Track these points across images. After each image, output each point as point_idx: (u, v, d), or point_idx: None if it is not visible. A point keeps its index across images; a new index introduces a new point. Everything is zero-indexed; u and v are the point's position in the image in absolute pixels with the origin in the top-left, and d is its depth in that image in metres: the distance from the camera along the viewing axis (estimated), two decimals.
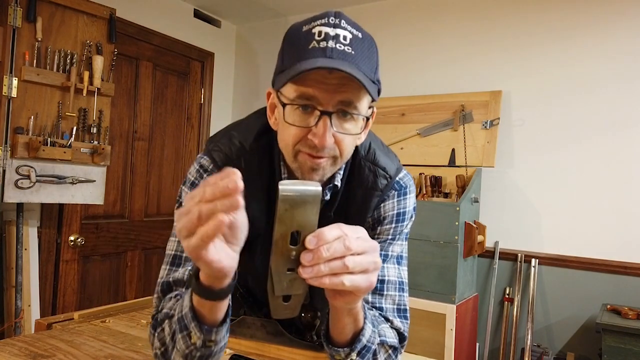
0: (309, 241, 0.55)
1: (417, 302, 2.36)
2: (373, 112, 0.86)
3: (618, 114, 2.46)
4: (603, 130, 2.49)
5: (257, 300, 1.04)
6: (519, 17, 2.73)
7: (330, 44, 0.72)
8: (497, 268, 2.68)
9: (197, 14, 3.42)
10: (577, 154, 2.55)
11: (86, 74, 2.36)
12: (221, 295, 0.67)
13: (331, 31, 0.73)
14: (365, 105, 0.78)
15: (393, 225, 0.92)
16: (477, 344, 2.69)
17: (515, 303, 2.62)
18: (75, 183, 2.36)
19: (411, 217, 0.95)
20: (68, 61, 2.32)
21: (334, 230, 0.57)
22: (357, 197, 0.89)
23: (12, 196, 2.15)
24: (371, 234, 0.92)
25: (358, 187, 0.89)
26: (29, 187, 2.19)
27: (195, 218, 0.53)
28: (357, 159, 0.90)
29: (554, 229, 2.59)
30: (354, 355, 0.75)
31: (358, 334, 0.75)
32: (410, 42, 3.07)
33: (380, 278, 0.89)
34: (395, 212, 0.92)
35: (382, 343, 0.82)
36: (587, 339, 2.46)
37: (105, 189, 2.51)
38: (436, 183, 2.66)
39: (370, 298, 0.89)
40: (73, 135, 2.34)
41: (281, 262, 0.56)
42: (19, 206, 2.31)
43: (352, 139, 0.79)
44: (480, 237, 2.49)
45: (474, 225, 2.42)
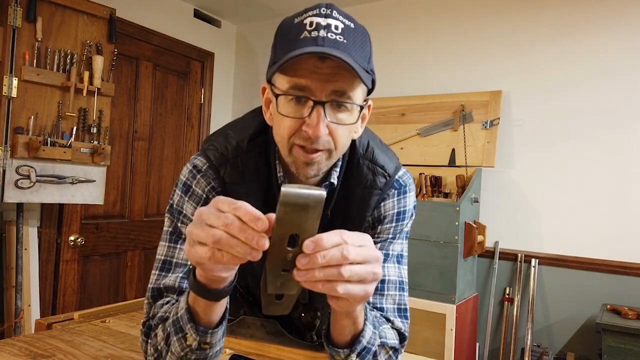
0: (307, 246, 0.54)
1: (417, 302, 2.36)
2: (369, 106, 0.85)
3: (618, 114, 2.46)
4: (603, 131, 2.49)
5: (257, 300, 1.04)
6: (519, 17, 2.73)
7: (322, 33, 0.71)
8: (497, 268, 2.68)
9: (197, 14, 3.42)
10: (577, 154, 2.55)
11: (86, 74, 2.36)
12: (217, 296, 0.66)
13: (322, 21, 0.72)
14: (360, 96, 0.77)
15: (393, 224, 0.92)
16: (477, 344, 2.69)
17: (515, 303, 2.62)
18: (75, 183, 2.36)
19: (411, 215, 0.95)
20: (68, 61, 2.32)
21: (333, 237, 0.56)
22: (356, 195, 0.89)
23: (12, 196, 2.15)
24: (371, 233, 0.92)
25: (357, 186, 0.89)
26: (29, 187, 2.19)
27: (212, 242, 0.54)
28: (356, 158, 0.89)
29: (554, 229, 2.59)
30: (353, 356, 0.75)
31: (358, 335, 0.74)
32: (410, 42, 3.07)
33: (380, 277, 0.89)
34: (396, 210, 0.92)
35: (382, 344, 0.82)
36: (587, 339, 2.46)
37: (105, 189, 2.51)
38: (436, 183, 2.66)
39: (370, 298, 0.88)
40: (73, 135, 2.34)
41: (277, 263, 0.56)
42: (19, 206, 2.31)
43: (347, 130, 0.77)
44: (480, 237, 2.49)
45: (474, 225, 2.42)
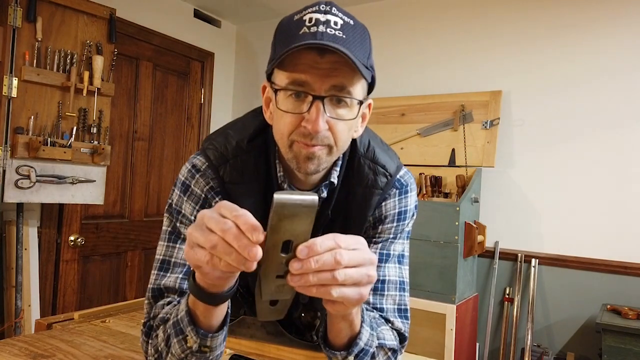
0: (300, 251, 0.54)
1: (417, 302, 2.36)
2: (369, 105, 0.85)
3: (619, 114, 2.46)
4: (603, 130, 2.49)
5: None
6: (519, 17, 2.73)
7: (321, 28, 0.71)
8: (497, 268, 2.68)
9: (197, 14, 3.42)
10: (577, 154, 2.55)
11: (86, 74, 2.36)
12: (216, 301, 0.66)
13: (322, 17, 0.72)
14: (360, 91, 0.76)
15: (394, 224, 0.91)
16: (477, 344, 2.69)
17: (515, 303, 2.62)
18: (75, 183, 2.36)
19: (413, 215, 0.95)
20: (68, 61, 2.32)
21: (327, 241, 0.56)
22: (357, 195, 0.88)
23: (12, 196, 2.15)
24: (372, 233, 0.92)
25: (358, 186, 0.88)
26: (29, 187, 2.19)
27: (209, 247, 0.54)
28: (357, 157, 0.88)
29: (554, 229, 2.59)
30: (351, 358, 0.75)
31: (355, 337, 0.74)
32: (410, 42, 3.07)
33: (381, 278, 0.89)
34: (397, 210, 0.91)
35: (380, 346, 0.81)
36: (587, 339, 2.46)
37: (105, 189, 2.51)
38: (436, 183, 2.66)
39: (371, 298, 0.88)
40: (73, 135, 2.33)
41: (271, 269, 0.56)
42: (19, 206, 2.31)
43: (347, 125, 0.77)
44: (480, 237, 2.49)
45: (474, 225, 2.42)
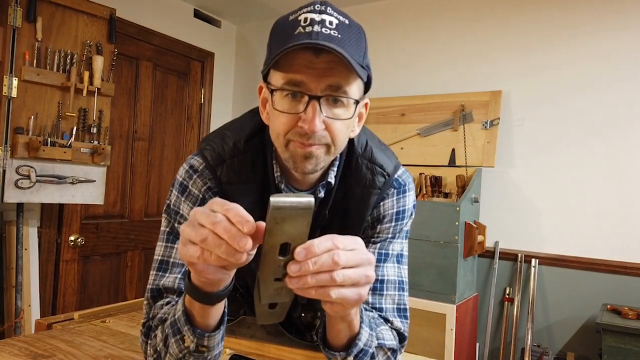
0: (298, 253, 0.54)
1: (417, 302, 2.36)
2: (366, 104, 0.85)
3: (619, 114, 2.46)
4: (603, 130, 2.49)
5: None
6: (519, 17, 2.73)
7: (316, 28, 0.71)
8: (497, 268, 2.68)
9: (197, 14, 3.42)
10: (577, 154, 2.55)
11: (86, 74, 2.36)
12: (211, 300, 0.66)
13: (317, 17, 0.72)
14: (356, 91, 0.76)
15: (393, 223, 0.91)
16: (477, 344, 2.69)
17: (515, 303, 2.62)
18: (75, 183, 2.36)
19: (411, 214, 0.95)
20: (68, 61, 2.32)
21: (324, 243, 0.55)
22: (355, 195, 0.88)
23: (12, 196, 2.15)
24: (371, 233, 0.92)
25: (356, 185, 0.88)
26: (29, 187, 2.19)
27: (199, 240, 0.54)
28: (354, 157, 0.88)
29: (554, 229, 2.59)
30: (350, 358, 0.75)
31: (354, 338, 0.74)
32: (410, 42, 3.07)
33: (380, 278, 0.89)
34: (395, 210, 0.91)
35: (380, 346, 0.81)
36: (587, 339, 2.46)
37: (105, 189, 2.51)
38: (436, 183, 2.65)
39: (370, 298, 0.88)
40: (73, 135, 2.33)
41: (269, 272, 0.56)
42: (19, 206, 2.31)
43: (344, 125, 0.77)
44: (480, 237, 2.49)
45: (474, 225, 2.42)
